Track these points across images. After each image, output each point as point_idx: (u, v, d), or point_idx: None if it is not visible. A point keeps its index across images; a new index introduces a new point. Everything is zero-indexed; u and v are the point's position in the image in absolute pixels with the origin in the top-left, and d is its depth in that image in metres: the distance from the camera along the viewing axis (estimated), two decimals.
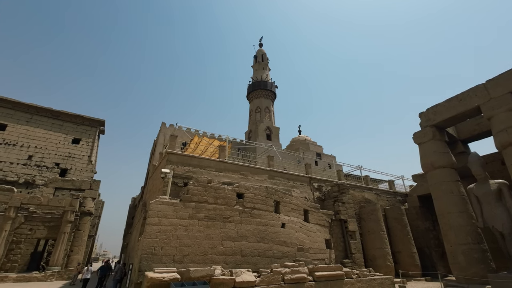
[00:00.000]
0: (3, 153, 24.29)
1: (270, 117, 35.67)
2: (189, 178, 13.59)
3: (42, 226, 20.04)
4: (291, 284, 10.14)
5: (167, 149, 14.80)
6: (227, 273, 9.18)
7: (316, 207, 15.98)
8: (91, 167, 27.74)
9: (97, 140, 30.36)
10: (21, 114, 26.90)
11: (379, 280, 12.76)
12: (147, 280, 7.70)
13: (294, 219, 14.09)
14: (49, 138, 27.09)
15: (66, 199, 20.27)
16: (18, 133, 25.88)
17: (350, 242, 16.16)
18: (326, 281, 11.03)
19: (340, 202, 17.27)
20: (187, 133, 24.58)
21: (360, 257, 15.99)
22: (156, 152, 23.19)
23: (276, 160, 20.78)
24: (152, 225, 9.94)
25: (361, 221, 18.52)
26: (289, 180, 18.13)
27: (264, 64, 40.70)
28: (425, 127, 15.13)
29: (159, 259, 9.56)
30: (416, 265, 17.35)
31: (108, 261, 16.32)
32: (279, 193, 14.17)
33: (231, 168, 15.83)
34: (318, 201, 18.31)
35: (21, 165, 24.51)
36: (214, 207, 11.60)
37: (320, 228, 15.36)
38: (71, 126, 28.92)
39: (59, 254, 18.67)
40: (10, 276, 16.14)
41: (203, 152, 20.06)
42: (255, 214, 12.53)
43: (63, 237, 19.18)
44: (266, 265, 11.52)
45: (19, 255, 18.63)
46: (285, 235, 13.04)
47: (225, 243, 11.15)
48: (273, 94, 38.07)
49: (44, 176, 24.85)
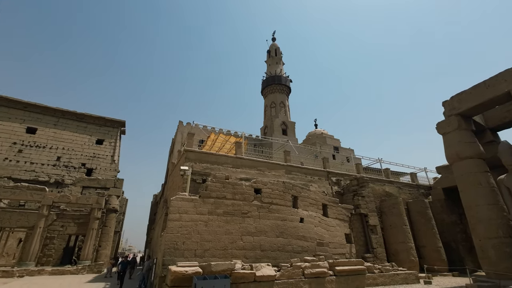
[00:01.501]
0: (34, 155, 25.93)
1: (286, 111, 35.38)
2: (207, 174, 13.84)
3: (72, 223, 21.27)
4: (311, 279, 10.14)
5: (185, 147, 15.13)
6: (247, 267, 9.32)
7: (335, 202, 15.76)
8: (114, 166, 28.98)
9: (119, 140, 31.60)
10: (49, 118, 28.51)
11: (402, 275, 12.45)
12: (170, 274, 7.99)
13: (313, 213, 14.00)
14: (75, 140, 28.55)
15: (92, 197, 21.36)
16: (47, 136, 27.48)
17: (371, 236, 15.83)
18: (347, 276, 10.92)
19: (360, 196, 16.92)
20: (203, 130, 24.97)
21: (382, 251, 15.64)
22: (174, 150, 23.78)
23: (293, 155, 20.66)
24: (173, 220, 10.25)
25: (382, 215, 18.06)
26: (307, 175, 17.98)
27: (278, 59, 40.29)
28: (449, 116, 14.38)
29: (181, 254, 9.87)
30: (442, 260, 16.73)
31: (127, 256, 17.08)
32: (296, 187, 14.11)
33: (248, 164, 15.94)
34: (337, 195, 18.05)
35: (51, 166, 26.07)
36: (233, 202, 11.76)
37: (340, 222, 15.16)
38: (95, 127, 30.29)
39: (88, 249, 19.78)
40: (46, 269, 17.34)
41: (220, 149, 20.32)
42: (273, 209, 12.58)
43: (92, 233, 20.27)
44: (286, 259, 11.57)
45: (53, 250, 19.93)
46: (304, 230, 13.00)
47: (245, 238, 11.31)
48: (288, 89, 37.67)
49: (72, 175, 26.29)
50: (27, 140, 26.32)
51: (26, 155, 25.61)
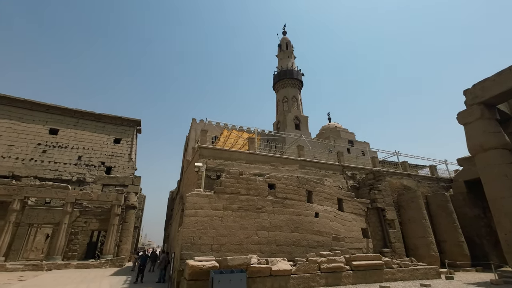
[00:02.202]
0: (57, 155, 27.14)
1: (298, 106, 35.00)
2: (221, 170, 13.98)
3: (94, 219, 22.19)
4: (328, 273, 10.09)
5: (199, 143, 15.32)
6: (263, 261, 9.40)
7: (351, 196, 15.52)
8: (132, 164, 29.85)
9: (135, 139, 32.48)
10: (69, 119, 29.69)
11: (422, 270, 12.15)
12: (188, 268, 8.19)
13: (328, 208, 13.86)
14: (94, 140, 29.60)
15: (112, 194, 22.16)
16: (68, 136, 28.65)
17: (388, 231, 15.49)
18: (364, 271, 10.79)
19: (376, 190, 16.56)
20: (216, 127, 25.18)
21: (400, 246, 15.29)
22: (189, 147, 24.16)
23: (306, 149, 20.45)
24: (189, 216, 10.47)
25: (400, 209, 17.61)
26: (321, 169, 17.78)
27: (289, 52, 39.76)
28: (471, 105, 13.74)
29: (198, 248, 10.08)
30: (465, 255, 16.14)
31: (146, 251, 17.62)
32: (311, 182, 13.99)
33: (261, 160, 15.95)
34: (352, 189, 17.75)
35: (73, 165, 27.21)
36: (247, 198, 11.84)
37: (356, 217, 14.93)
38: (112, 127, 31.26)
39: (110, 244, 20.61)
40: (72, 263, 18.25)
41: (233, 145, 20.44)
42: (287, 204, 12.56)
43: (113, 228, 21.08)
44: (301, 254, 11.56)
45: (77, 245, 20.92)
46: (319, 225, 12.91)
47: (260, 233, 11.38)
48: (300, 83, 37.17)
49: (92, 174, 27.34)
50: (50, 141, 27.57)
51: (49, 155, 26.85)
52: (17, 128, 26.90)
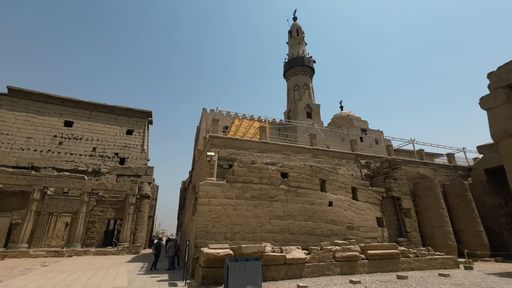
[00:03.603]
0: (73, 147, 27.84)
1: (310, 94, 34.28)
2: (233, 160, 13.91)
3: (110, 208, 22.82)
4: (342, 262, 9.98)
5: (210, 133, 15.25)
6: (277, 250, 9.35)
7: (365, 185, 15.19)
8: (144, 155, 30.32)
9: (147, 130, 32.86)
10: (83, 111, 30.24)
11: (440, 259, 11.85)
12: (203, 255, 8.24)
13: (342, 197, 13.63)
14: (108, 131, 30.13)
15: (126, 184, 22.64)
16: (83, 128, 29.26)
17: (404, 220, 15.16)
18: (380, 260, 10.61)
19: (392, 179, 16.14)
20: (227, 116, 25.04)
21: (416, 235, 14.97)
22: (200, 137, 24.20)
23: (319, 138, 20.09)
24: (203, 205, 10.49)
25: (416, 198, 17.17)
26: (334, 158, 17.45)
27: (300, 39, 38.68)
28: (495, 89, 12.95)
29: (212, 236, 10.13)
30: (484, 245, 15.67)
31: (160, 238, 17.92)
32: (324, 171, 13.75)
33: (273, 149, 15.77)
34: (367, 178, 17.39)
35: (88, 156, 27.89)
36: (260, 187, 11.75)
37: (370, 206, 14.65)
38: (124, 119, 31.68)
39: (126, 232, 21.20)
40: (91, 250, 18.92)
41: (244, 134, 20.30)
42: (300, 193, 12.41)
43: (128, 217, 21.63)
44: (315, 243, 11.48)
45: (95, 233, 21.64)
46: (333, 214, 12.74)
47: (273, 222, 11.33)
48: (311, 70, 36.26)
49: (107, 165, 27.97)
50: (65, 133, 28.25)
51: (65, 146, 27.58)
52: (34, 121, 27.65)
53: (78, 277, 9.93)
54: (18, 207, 20.34)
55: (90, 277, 9.96)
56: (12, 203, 20.42)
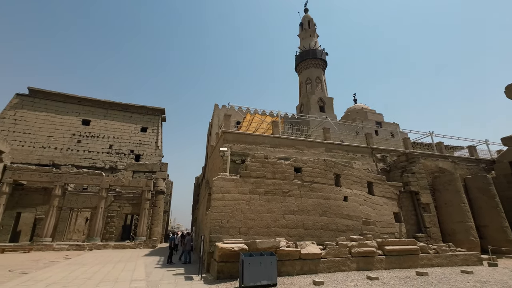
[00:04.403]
0: (91, 144, 28.72)
1: (322, 87, 33.63)
2: (246, 155, 13.86)
3: (127, 204, 23.46)
4: (359, 258, 9.78)
5: (222, 128, 15.26)
6: (291, 245, 9.27)
7: (381, 179, 14.79)
8: (159, 151, 30.88)
9: (160, 127, 33.39)
10: (99, 110, 31.08)
11: (462, 256, 11.39)
12: (218, 250, 8.28)
13: (357, 192, 13.33)
14: (123, 129, 30.85)
15: (142, 180, 23.17)
16: (99, 126, 30.10)
17: (423, 215, 14.67)
18: (398, 256, 10.32)
19: (410, 173, 15.62)
20: (239, 112, 24.99)
21: (436, 231, 14.47)
22: (212, 133, 24.34)
23: (332, 132, 19.70)
24: (217, 200, 10.54)
25: (436, 193, 16.57)
26: (348, 152, 17.07)
27: (312, 31, 37.88)
28: None
29: (226, 231, 10.18)
30: (509, 241, 14.94)
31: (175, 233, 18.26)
32: (338, 165, 13.47)
33: (285, 143, 15.60)
34: (383, 172, 16.93)
35: (105, 154, 28.71)
36: (273, 182, 11.66)
37: (387, 200, 14.26)
38: (138, 116, 32.33)
39: (142, 226, 21.77)
40: (110, 244, 19.58)
41: (257, 129, 20.21)
42: (314, 187, 12.23)
43: (144, 212, 22.18)
44: (330, 238, 11.31)
45: (113, 227, 22.35)
46: (348, 208, 12.49)
47: (287, 217, 11.24)
48: (324, 63, 35.50)
49: (123, 161, 28.71)
50: (83, 131, 29.17)
51: (84, 144, 28.50)
52: (54, 120, 28.69)
53: (98, 270, 10.27)
54: (42, 203, 21.28)
55: (109, 270, 10.27)
56: (36, 199, 21.38)
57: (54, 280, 8.39)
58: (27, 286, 7.59)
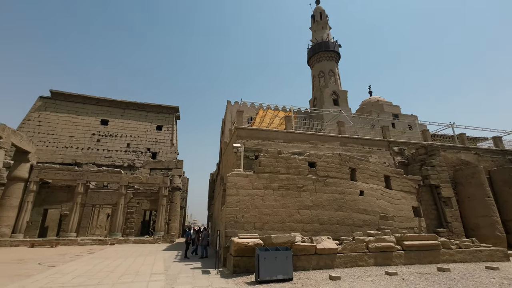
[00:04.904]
0: (109, 143, 29.75)
1: (336, 80, 32.94)
2: (259, 150, 13.86)
3: (146, 200, 24.20)
4: (376, 253, 9.60)
5: (235, 124, 15.31)
6: (307, 240, 9.24)
7: (399, 173, 14.37)
8: (174, 149, 31.52)
9: (175, 125, 34.02)
10: (116, 110, 32.07)
11: (486, 251, 10.92)
12: (234, 245, 8.39)
13: (374, 186, 13.03)
14: (139, 128, 31.71)
15: (159, 177, 23.76)
16: (117, 126, 31.08)
17: (444, 209, 14.15)
18: (417, 251, 10.04)
19: (429, 166, 15.07)
20: (251, 108, 24.97)
21: (458, 226, 13.92)
22: (225, 129, 24.50)
23: (347, 125, 19.32)
24: (231, 195, 10.64)
25: (458, 186, 15.92)
26: (364, 146, 16.68)
27: (324, 23, 37.05)
28: None
29: (241, 226, 10.28)
30: None
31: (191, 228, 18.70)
32: (354, 159, 13.20)
33: (299, 138, 15.46)
34: (400, 166, 16.43)
35: (123, 152, 29.67)
36: (287, 177, 11.62)
37: (406, 195, 13.86)
38: (154, 115, 33.08)
39: (160, 222, 22.40)
40: (130, 239, 20.31)
41: (269, 124, 20.15)
42: (329, 182, 12.07)
43: (162, 208, 22.80)
44: (347, 233, 11.16)
45: (133, 223, 23.15)
46: (365, 203, 12.25)
47: (302, 212, 11.18)
48: (337, 55, 34.69)
49: (140, 159, 29.56)
50: (102, 131, 30.25)
51: (103, 143, 29.57)
52: (75, 121, 29.91)
53: (120, 264, 10.70)
54: (66, 200, 22.35)
55: (130, 264, 10.67)
56: (61, 197, 22.48)
57: (80, 273, 8.83)
58: (55, 278, 8.03)
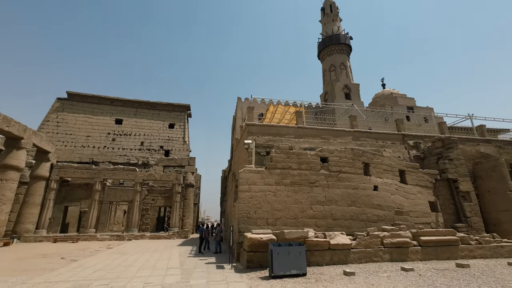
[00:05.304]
0: (124, 142, 30.50)
1: (347, 73, 32.28)
2: (270, 146, 13.85)
3: (160, 197, 24.74)
4: (392, 248, 9.45)
5: (246, 121, 15.35)
6: (320, 235, 9.19)
7: (415, 167, 14.01)
8: (186, 146, 31.96)
9: (187, 123, 34.44)
10: (130, 109, 32.77)
11: (509, 247, 10.53)
12: (247, 240, 8.47)
13: (388, 181, 12.78)
14: (152, 126, 32.30)
15: (172, 175, 24.21)
16: (131, 125, 31.79)
17: (463, 204, 13.71)
18: (435, 247, 9.80)
19: (447, 159, 14.61)
20: (262, 104, 24.93)
21: (478, 221, 13.47)
22: (236, 126, 24.58)
23: (360, 119, 18.95)
24: (243, 191, 10.72)
25: (477, 180, 15.35)
26: (378, 140, 16.34)
27: (334, 15, 36.26)
28: None
29: (254, 222, 10.35)
30: None
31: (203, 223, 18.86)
32: (367, 154, 12.97)
33: (310, 133, 15.32)
34: (416, 160, 16.01)
35: (137, 150, 30.36)
36: (299, 172, 11.57)
37: (422, 189, 13.51)
38: (166, 113, 33.60)
39: (175, 218, 22.88)
40: (146, 234, 20.88)
41: (280, 120, 20.05)
42: (342, 177, 11.93)
43: (176, 205, 23.26)
44: (361, 228, 11.04)
45: (149, 219, 23.76)
46: (379, 198, 12.04)
47: (314, 207, 11.13)
48: (348, 47, 33.93)
49: (154, 157, 30.18)
50: (117, 130, 31.04)
51: (118, 142, 30.36)
52: (91, 121, 30.82)
53: (137, 258, 11.04)
54: (85, 197, 23.19)
55: (147, 258, 10.99)
56: (80, 194, 23.34)
57: (100, 267, 9.18)
58: (77, 272, 8.39)
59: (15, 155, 17.31)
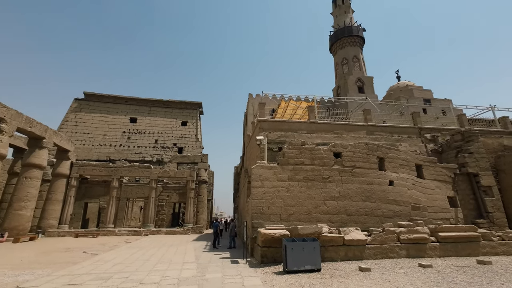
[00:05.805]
0: (139, 140, 31.27)
1: (360, 66, 31.51)
2: (282, 142, 13.80)
3: (174, 193, 25.26)
4: (408, 245, 9.25)
5: (258, 117, 15.33)
6: (334, 231, 9.12)
7: (432, 161, 13.58)
8: (199, 143, 32.38)
9: (199, 120, 34.83)
10: (144, 108, 33.50)
11: None
12: (261, 235, 8.52)
13: (404, 175, 12.46)
14: (165, 124, 32.91)
15: (186, 171, 24.62)
16: (145, 123, 32.52)
17: (484, 199, 13.19)
18: (454, 243, 9.52)
19: (466, 153, 14.06)
20: (273, 99, 24.78)
21: (501, 216, 12.94)
22: (248, 122, 24.61)
23: (374, 113, 18.49)
24: (256, 187, 10.76)
25: (499, 174, 14.72)
26: (393, 134, 15.93)
27: (346, 7, 35.37)
28: None
29: (267, 218, 10.39)
30: None
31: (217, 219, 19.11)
32: (382, 148, 12.68)
33: (323, 128, 15.13)
34: (434, 154, 15.51)
35: (151, 148, 31.06)
36: (312, 168, 11.48)
37: (440, 184, 13.09)
38: (178, 111, 34.12)
39: (189, 214, 23.31)
40: (162, 230, 21.41)
41: (292, 115, 19.90)
42: (356, 172, 11.74)
43: (190, 201, 23.68)
44: (376, 224, 10.85)
45: (164, 215, 24.33)
46: (395, 193, 11.78)
47: (328, 203, 11.03)
48: (361, 40, 33.06)
49: (168, 154, 30.79)
50: (132, 129, 31.85)
51: (133, 140, 31.17)
52: (107, 120, 31.75)
53: (154, 253, 11.36)
54: (103, 194, 24.00)
55: (163, 253, 11.29)
56: (98, 191, 24.18)
57: (119, 261, 9.52)
58: (98, 265, 8.74)
59: (38, 154, 18.12)
